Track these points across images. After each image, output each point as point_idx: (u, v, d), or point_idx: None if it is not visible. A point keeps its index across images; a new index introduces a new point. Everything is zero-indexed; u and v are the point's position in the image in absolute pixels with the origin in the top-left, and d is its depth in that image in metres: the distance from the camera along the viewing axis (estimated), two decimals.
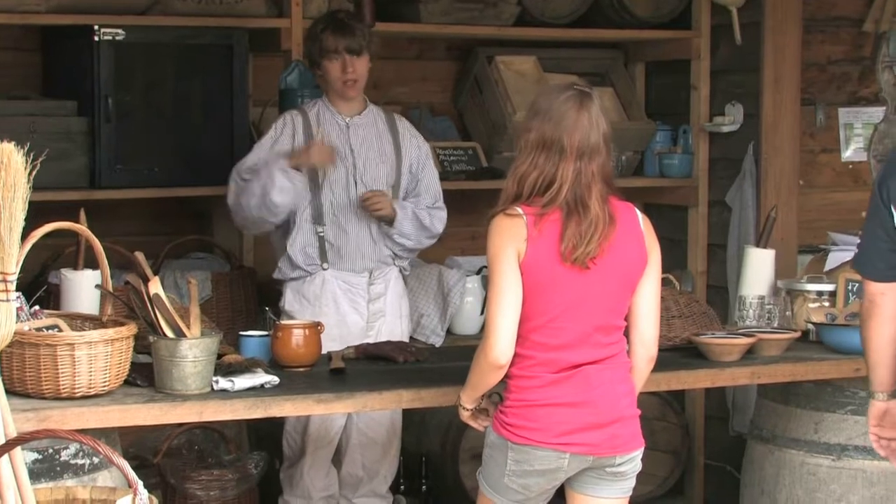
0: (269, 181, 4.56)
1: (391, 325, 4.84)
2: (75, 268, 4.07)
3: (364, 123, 4.82)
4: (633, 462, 3.52)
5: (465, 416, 3.59)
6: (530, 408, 3.43)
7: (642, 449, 3.55)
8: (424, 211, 4.80)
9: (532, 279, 3.40)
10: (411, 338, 5.30)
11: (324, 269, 4.76)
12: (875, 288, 3.44)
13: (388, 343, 4.38)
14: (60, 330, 3.61)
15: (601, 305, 3.46)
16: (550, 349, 3.43)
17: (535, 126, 3.44)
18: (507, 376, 3.47)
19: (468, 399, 3.56)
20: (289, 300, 4.80)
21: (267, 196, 4.57)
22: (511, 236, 3.39)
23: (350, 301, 4.79)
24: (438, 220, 4.84)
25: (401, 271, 4.89)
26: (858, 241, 3.52)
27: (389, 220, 4.72)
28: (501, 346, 3.39)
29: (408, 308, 4.97)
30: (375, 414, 4.80)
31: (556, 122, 3.42)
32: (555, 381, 3.43)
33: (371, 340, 4.62)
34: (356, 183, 4.74)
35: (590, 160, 3.42)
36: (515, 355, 3.43)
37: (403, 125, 4.91)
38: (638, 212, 3.56)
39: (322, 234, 4.74)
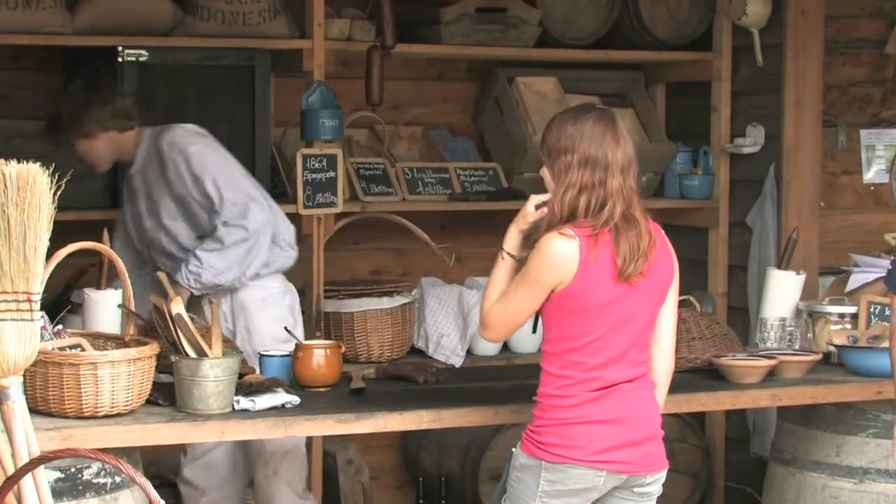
0: None
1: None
2: (98, 287, 4.08)
3: (138, 171, 4.75)
4: (659, 482, 3.51)
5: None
6: (566, 426, 3.40)
7: (667, 470, 3.54)
8: (199, 256, 4.56)
9: (579, 303, 3.37)
10: (431, 358, 5.30)
11: None
12: None
13: (409, 364, 4.39)
14: (83, 349, 3.62)
15: (639, 323, 3.45)
16: (589, 368, 3.41)
17: (571, 147, 3.40)
18: (539, 395, 3.46)
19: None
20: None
21: None
22: (560, 266, 3.35)
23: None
24: (216, 254, 4.56)
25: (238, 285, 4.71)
26: (892, 259, 3.51)
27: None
28: (495, 339, 3.73)
29: (252, 322, 4.73)
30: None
31: (598, 140, 3.40)
32: (592, 399, 3.40)
33: None
34: (148, 230, 4.73)
35: (629, 174, 3.43)
36: (549, 375, 3.42)
37: (166, 149, 4.66)
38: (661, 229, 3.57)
39: None
